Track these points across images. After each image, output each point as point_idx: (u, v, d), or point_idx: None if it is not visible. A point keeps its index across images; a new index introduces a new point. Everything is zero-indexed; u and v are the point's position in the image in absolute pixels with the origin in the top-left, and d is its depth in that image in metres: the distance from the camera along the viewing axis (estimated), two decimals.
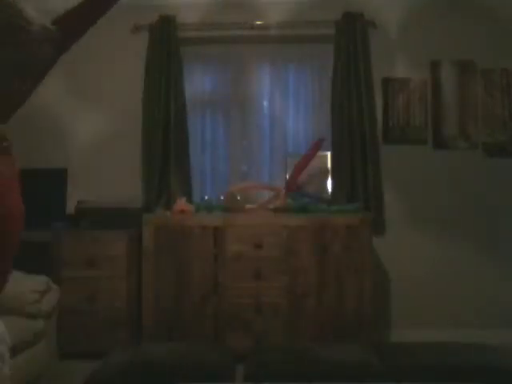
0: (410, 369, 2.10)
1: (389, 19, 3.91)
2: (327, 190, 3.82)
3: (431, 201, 3.82)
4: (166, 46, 3.82)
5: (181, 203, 3.48)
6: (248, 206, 3.55)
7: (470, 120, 3.86)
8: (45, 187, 3.79)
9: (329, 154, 3.81)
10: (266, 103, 4.06)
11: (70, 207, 3.69)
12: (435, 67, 3.90)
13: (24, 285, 2.70)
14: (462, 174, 3.82)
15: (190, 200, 3.71)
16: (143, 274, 3.34)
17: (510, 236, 3.76)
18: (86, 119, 3.96)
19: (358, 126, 3.75)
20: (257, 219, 3.40)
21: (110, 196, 3.71)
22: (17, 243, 1.15)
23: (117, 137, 3.92)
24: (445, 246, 3.77)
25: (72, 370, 2.89)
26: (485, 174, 3.80)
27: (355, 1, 3.88)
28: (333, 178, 3.80)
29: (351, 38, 3.78)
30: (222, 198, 3.59)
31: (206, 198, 3.73)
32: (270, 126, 4.03)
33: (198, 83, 4.06)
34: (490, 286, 3.72)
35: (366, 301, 3.25)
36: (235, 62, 4.04)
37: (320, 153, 3.69)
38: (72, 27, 1.29)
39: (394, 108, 3.90)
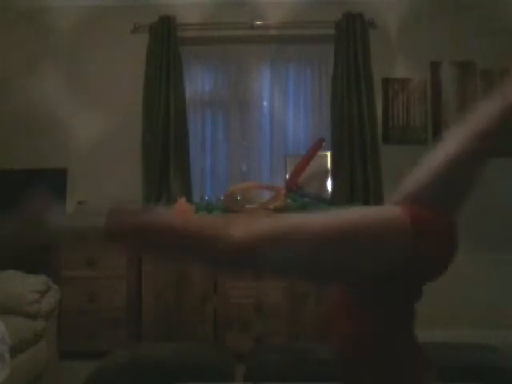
0: None
1: (389, 19, 3.91)
2: (327, 190, 3.82)
3: None
4: (166, 46, 3.82)
5: (181, 203, 3.48)
6: (248, 206, 3.55)
7: None
8: (45, 187, 3.79)
9: (329, 153, 3.81)
10: (266, 103, 4.06)
11: (70, 207, 3.69)
12: (435, 67, 3.90)
13: (24, 285, 2.70)
14: None
15: (189, 200, 3.71)
16: (143, 274, 3.35)
17: (510, 236, 3.76)
18: (86, 119, 3.96)
19: (358, 125, 3.75)
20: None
21: (110, 196, 3.71)
22: None
23: (117, 137, 3.92)
24: None
25: (72, 370, 2.89)
26: (485, 174, 3.79)
27: (355, 1, 3.88)
28: (333, 178, 3.80)
29: (351, 38, 3.78)
30: (222, 198, 3.59)
31: (206, 198, 3.73)
32: (270, 126, 4.02)
33: (197, 83, 4.06)
34: (490, 286, 3.72)
35: None
36: (235, 61, 4.04)
37: (320, 153, 3.69)
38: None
39: (394, 108, 3.90)
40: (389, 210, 1.06)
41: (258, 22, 3.90)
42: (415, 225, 1.00)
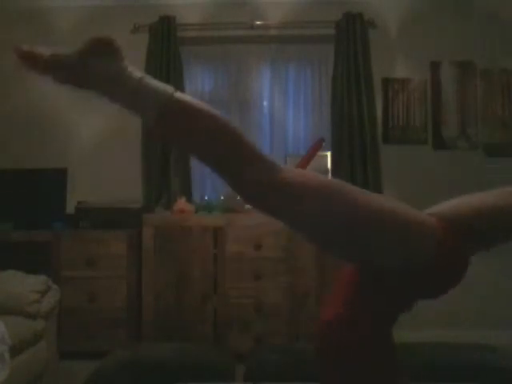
0: (410, 369, 2.10)
1: (389, 19, 3.91)
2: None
3: (431, 201, 3.81)
4: (166, 46, 3.82)
5: (181, 203, 3.48)
6: (248, 206, 3.55)
7: (470, 120, 3.86)
8: (45, 187, 3.79)
9: (329, 153, 3.81)
10: (266, 103, 4.06)
11: (70, 207, 3.69)
12: (435, 67, 3.90)
13: (24, 285, 2.70)
14: (461, 174, 3.82)
15: (189, 200, 3.71)
16: (143, 274, 3.35)
17: None
18: (86, 119, 3.96)
19: (358, 125, 3.75)
20: (257, 219, 3.40)
21: (110, 196, 3.71)
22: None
23: (117, 137, 3.92)
24: None
25: (72, 370, 2.89)
26: (485, 174, 3.80)
27: (355, 1, 3.88)
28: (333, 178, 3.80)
29: (351, 38, 3.78)
30: (222, 198, 3.59)
31: (206, 198, 3.73)
32: (270, 126, 4.03)
33: (197, 83, 4.06)
34: (490, 286, 3.72)
35: None
36: (235, 61, 4.04)
37: (320, 153, 3.69)
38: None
39: (394, 108, 3.90)
40: (425, 214, 1.10)
41: (258, 22, 3.90)
42: (442, 234, 1.04)
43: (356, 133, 3.74)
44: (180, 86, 3.85)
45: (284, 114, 4.01)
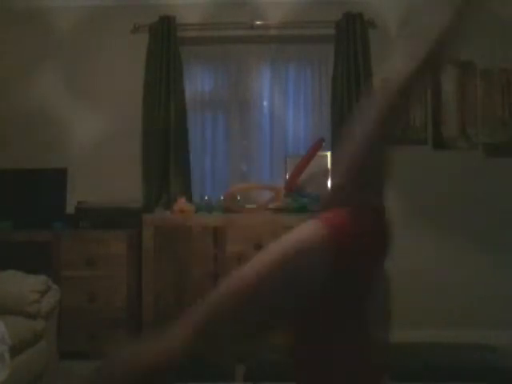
0: (410, 369, 2.10)
1: (389, 19, 3.91)
2: (327, 190, 3.81)
3: (431, 201, 3.81)
4: (166, 46, 3.82)
5: (181, 203, 3.48)
6: (248, 206, 3.55)
7: (470, 120, 3.86)
8: (45, 187, 3.79)
9: (329, 154, 3.81)
10: (266, 103, 4.06)
11: (70, 207, 3.69)
12: None
13: (24, 285, 2.70)
14: (461, 174, 3.82)
15: (189, 200, 3.71)
16: (143, 274, 3.34)
17: (510, 236, 3.76)
18: (86, 119, 3.95)
19: None
20: (257, 219, 3.40)
21: (110, 196, 3.71)
22: None
23: (117, 137, 3.92)
24: (445, 246, 3.77)
25: (72, 370, 2.89)
26: (485, 174, 3.80)
27: (355, 1, 3.87)
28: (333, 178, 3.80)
29: (351, 38, 3.78)
30: (222, 198, 3.59)
31: (206, 198, 3.73)
32: (270, 126, 4.02)
33: (197, 83, 4.06)
34: (491, 286, 3.72)
35: None
36: (235, 61, 4.04)
37: (320, 153, 3.69)
38: None
39: None
40: (307, 231, 1.01)
41: (258, 22, 3.90)
42: (335, 238, 0.97)
43: None
44: (180, 86, 3.85)
45: (284, 114, 4.00)
